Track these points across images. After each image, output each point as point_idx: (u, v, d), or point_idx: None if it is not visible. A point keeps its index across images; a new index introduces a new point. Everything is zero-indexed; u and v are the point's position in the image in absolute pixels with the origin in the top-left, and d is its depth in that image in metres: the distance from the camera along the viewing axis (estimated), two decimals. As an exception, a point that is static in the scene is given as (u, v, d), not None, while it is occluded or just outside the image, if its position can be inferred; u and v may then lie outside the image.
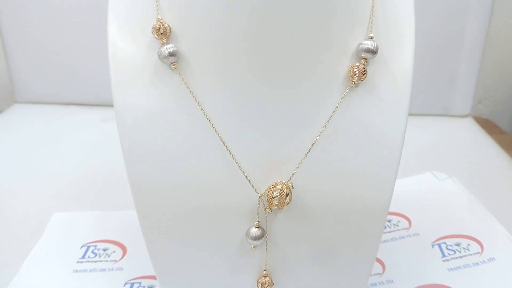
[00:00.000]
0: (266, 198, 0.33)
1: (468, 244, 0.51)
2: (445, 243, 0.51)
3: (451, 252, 0.50)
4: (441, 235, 0.52)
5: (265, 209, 0.33)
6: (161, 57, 0.32)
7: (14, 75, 0.93)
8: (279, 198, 0.32)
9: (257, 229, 0.33)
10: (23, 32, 0.89)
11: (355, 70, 0.32)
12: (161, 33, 0.32)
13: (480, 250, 0.50)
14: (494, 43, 0.89)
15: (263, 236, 0.33)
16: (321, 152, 0.33)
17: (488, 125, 0.91)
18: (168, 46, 0.32)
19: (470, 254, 0.49)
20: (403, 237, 0.53)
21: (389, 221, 0.55)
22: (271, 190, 0.32)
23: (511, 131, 0.97)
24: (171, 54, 0.32)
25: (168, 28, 0.32)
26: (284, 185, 0.33)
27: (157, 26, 0.32)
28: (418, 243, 0.52)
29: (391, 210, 0.56)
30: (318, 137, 0.33)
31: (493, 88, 0.95)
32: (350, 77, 0.33)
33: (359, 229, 0.35)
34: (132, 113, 0.32)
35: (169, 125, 0.32)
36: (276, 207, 0.33)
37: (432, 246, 0.51)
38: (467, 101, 0.92)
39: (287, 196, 0.32)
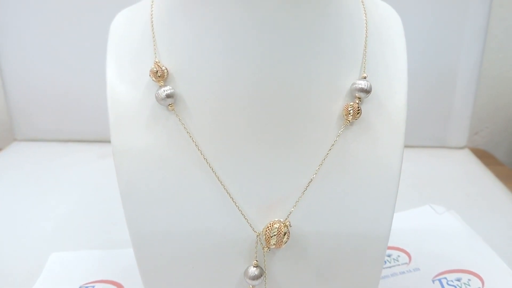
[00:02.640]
0: (264, 237, 0.33)
1: (469, 279, 0.50)
2: (445, 278, 0.51)
3: (452, 288, 0.49)
4: (442, 270, 0.52)
5: (263, 248, 0.33)
6: (158, 99, 0.32)
7: (14, 113, 0.93)
8: (276, 237, 0.32)
9: (255, 268, 0.33)
10: (22, 70, 0.90)
11: (349, 109, 0.33)
12: (159, 76, 0.33)
13: (481, 285, 0.49)
14: (487, 75, 0.91)
15: (261, 276, 0.33)
16: (318, 190, 0.33)
17: (485, 156, 0.91)
18: (166, 88, 0.32)
19: (472, 290, 0.49)
20: (404, 272, 0.52)
21: (389, 255, 0.55)
22: (268, 229, 0.32)
23: (508, 162, 0.98)
24: (169, 96, 0.32)
25: (166, 70, 0.33)
26: (282, 224, 0.33)
27: (155, 69, 0.33)
28: (419, 279, 0.51)
29: (391, 244, 0.56)
30: (314, 175, 0.33)
31: (488, 119, 0.96)
32: (345, 116, 0.33)
33: (359, 266, 0.35)
34: (130, 154, 0.33)
35: (167, 165, 0.33)
36: (274, 246, 0.33)
37: (433, 281, 0.51)
38: (463, 133, 0.92)
39: (284, 235, 0.32)
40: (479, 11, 0.82)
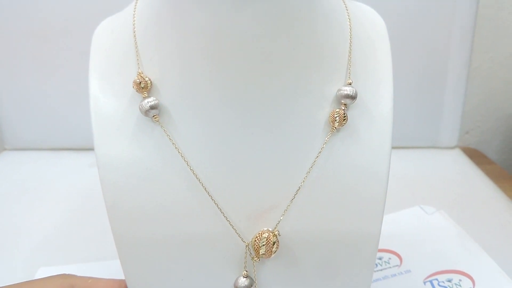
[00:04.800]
0: (253, 247, 0.32)
1: (460, 280, 0.50)
2: (436, 279, 0.51)
3: (444, 289, 0.50)
4: (433, 271, 0.52)
5: (252, 258, 0.33)
6: (142, 111, 0.32)
7: (3, 122, 0.92)
8: (265, 246, 0.32)
9: (245, 278, 0.33)
10: (11, 79, 0.89)
11: (335, 116, 0.33)
12: (142, 87, 0.32)
13: (472, 286, 0.49)
14: (476, 75, 0.91)
15: (251, 286, 0.33)
16: (306, 197, 0.33)
17: (476, 155, 0.91)
18: (149, 99, 0.32)
19: (463, 290, 0.49)
20: (395, 274, 0.52)
21: (380, 258, 0.55)
22: (257, 239, 0.32)
23: (499, 160, 0.98)
24: (153, 107, 0.32)
25: (149, 81, 0.33)
26: (271, 233, 0.32)
27: (138, 80, 0.32)
28: (410, 281, 0.51)
29: (382, 247, 0.56)
30: (302, 183, 0.33)
31: (479, 118, 0.96)
32: (331, 123, 0.33)
33: (350, 271, 0.35)
34: (115, 167, 0.32)
35: (153, 177, 0.32)
36: (263, 256, 0.32)
37: (424, 283, 0.51)
38: (454, 132, 0.92)
39: (274, 244, 0.32)
40: (466, 11, 0.83)
